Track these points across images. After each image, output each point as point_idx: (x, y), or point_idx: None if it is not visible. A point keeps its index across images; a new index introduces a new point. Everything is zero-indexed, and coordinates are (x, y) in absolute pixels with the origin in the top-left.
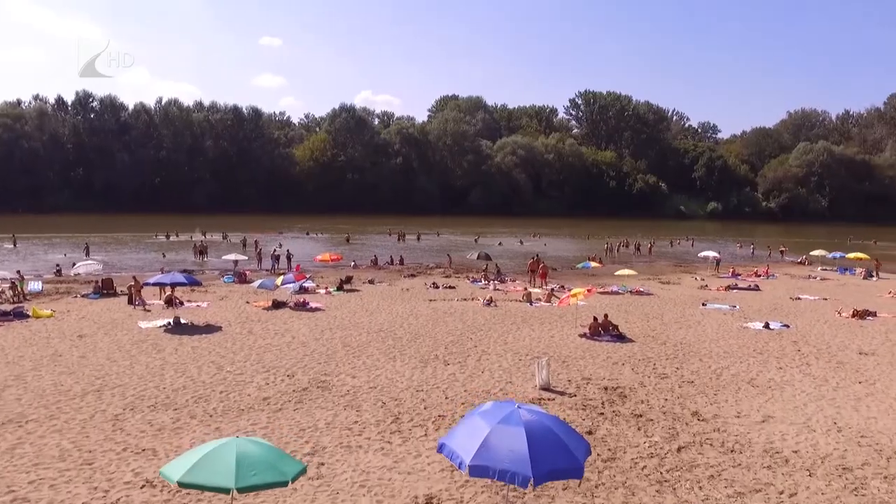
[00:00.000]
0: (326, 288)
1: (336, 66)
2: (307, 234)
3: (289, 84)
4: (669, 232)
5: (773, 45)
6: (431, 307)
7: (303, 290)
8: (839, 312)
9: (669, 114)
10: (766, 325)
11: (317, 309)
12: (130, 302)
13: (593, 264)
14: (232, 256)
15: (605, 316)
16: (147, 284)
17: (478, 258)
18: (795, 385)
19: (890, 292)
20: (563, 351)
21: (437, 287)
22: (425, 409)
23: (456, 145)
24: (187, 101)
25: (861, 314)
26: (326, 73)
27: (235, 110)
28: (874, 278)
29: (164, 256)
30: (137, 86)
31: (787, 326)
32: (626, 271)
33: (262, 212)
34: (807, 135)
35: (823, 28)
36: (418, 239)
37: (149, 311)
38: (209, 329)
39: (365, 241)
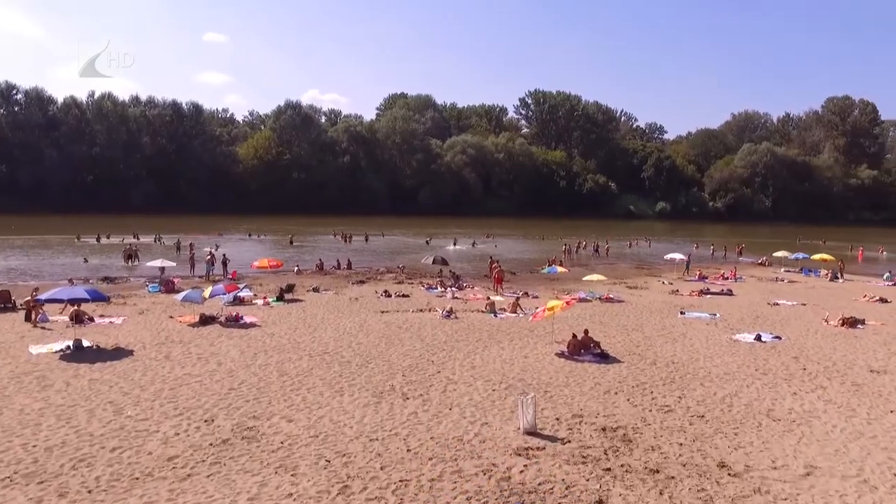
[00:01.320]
0: (265, 298)
1: (283, 64)
2: (249, 235)
3: (234, 82)
4: (620, 232)
5: (716, 49)
6: (384, 320)
7: (237, 300)
8: (826, 320)
9: (618, 114)
10: (758, 338)
11: (251, 325)
12: (28, 318)
13: (560, 269)
14: (158, 262)
15: (586, 332)
16: (39, 301)
17: (433, 262)
18: (822, 417)
19: (865, 296)
20: (543, 376)
21: (390, 296)
22: (382, 469)
23: (405, 144)
24: (123, 95)
25: (850, 322)
26: (273, 71)
27: (175, 106)
28: (840, 280)
29: (86, 262)
30: (72, 81)
31: (779, 338)
32: (595, 276)
33: (204, 212)
34: (750, 136)
35: (764, 33)
36: (366, 240)
37: (48, 329)
38: (117, 354)
39: (311, 243)
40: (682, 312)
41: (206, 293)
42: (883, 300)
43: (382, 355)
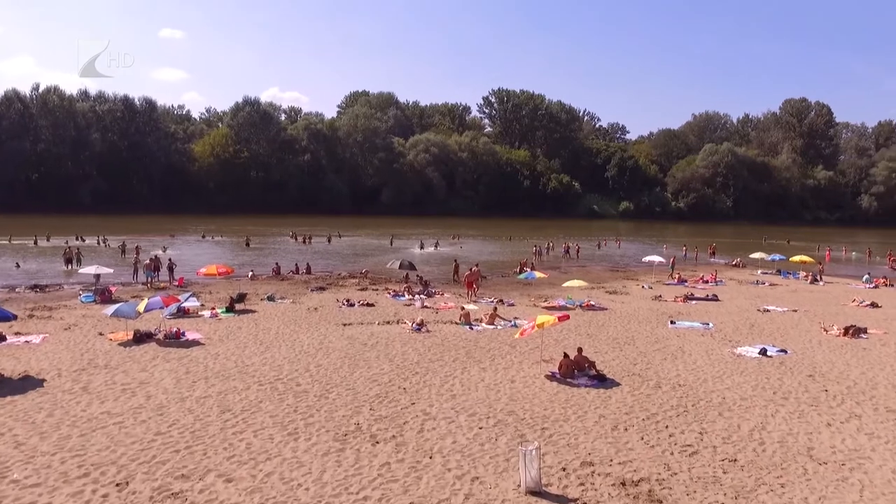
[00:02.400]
0: (213, 308)
1: (242, 62)
2: (204, 237)
3: (192, 79)
4: (584, 232)
5: (676, 50)
6: (347, 335)
7: (181, 311)
8: (825, 330)
9: (581, 114)
10: (763, 352)
11: (194, 342)
12: None
13: (538, 274)
14: (92, 269)
15: (580, 350)
16: None
17: (399, 267)
18: (873, 458)
19: (854, 300)
20: (536, 407)
21: (353, 305)
22: None
23: (367, 142)
24: (71, 90)
25: (853, 332)
26: (232, 69)
27: (126, 101)
28: (820, 283)
29: (18, 267)
30: (21, 75)
31: (785, 352)
32: (576, 282)
33: (158, 212)
34: (710, 137)
35: (723, 36)
36: (329, 241)
37: None
38: (23, 385)
39: (270, 245)
40: (672, 322)
41: (141, 307)
42: (874, 305)
43: (345, 381)
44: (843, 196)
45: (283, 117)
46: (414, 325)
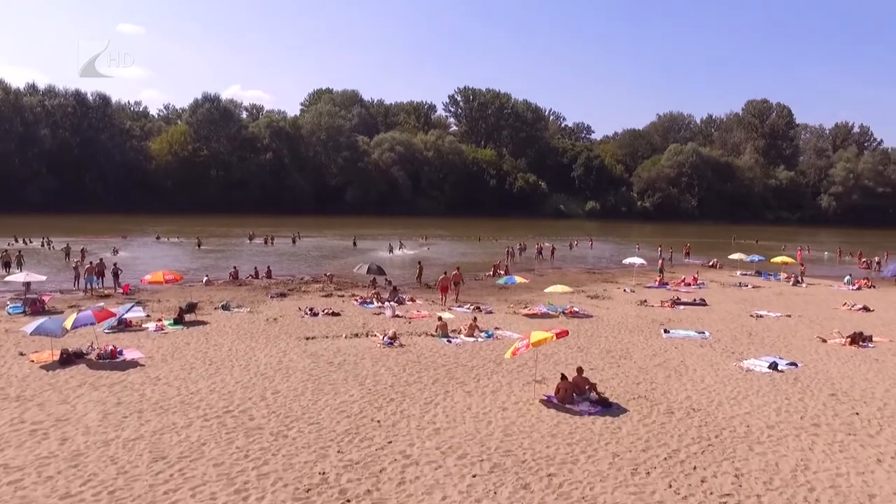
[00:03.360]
0: (160, 320)
1: (204, 59)
2: (158, 238)
3: (151, 76)
4: (552, 231)
5: (639, 51)
6: (310, 352)
7: (123, 324)
8: (824, 339)
9: (547, 113)
10: (774, 366)
11: (132, 363)
12: None
13: (518, 279)
14: (20, 276)
15: (579, 371)
16: None
17: (367, 272)
18: None
19: (845, 304)
20: (537, 443)
21: (316, 314)
22: None
23: (330, 140)
24: (18, 83)
25: (859, 340)
26: (193, 66)
27: (78, 96)
28: (803, 284)
29: None
30: None
31: (795, 365)
32: (559, 287)
33: (113, 211)
34: (675, 137)
35: (687, 37)
36: (294, 242)
37: None
38: None
39: (233, 246)
40: (666, 331)
41: (69, 322)
42: (866, 308)
43: (308, 412)
44: (803, 196)
45: (244, 115)
46: (385, 338)
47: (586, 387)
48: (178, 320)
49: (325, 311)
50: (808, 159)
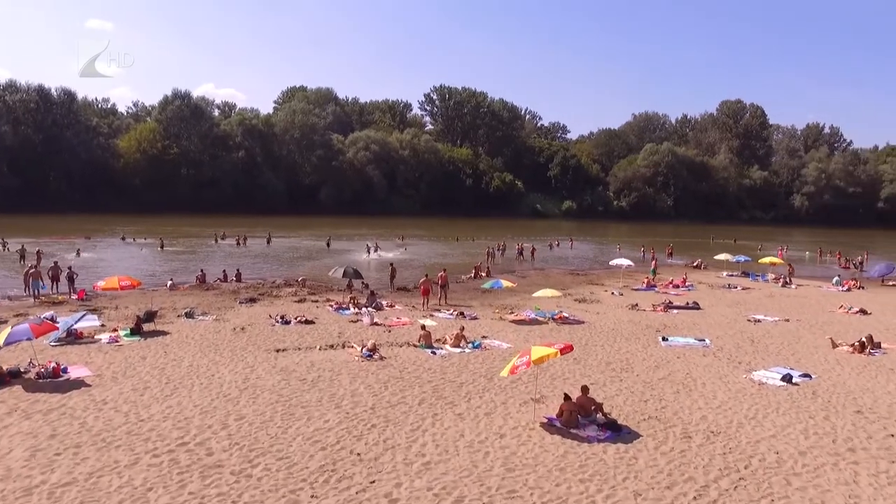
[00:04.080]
0: (115, 330)
1: (176, 56)
2: (124, 239)
3: (122, 73)
4: (529, 231)
5: (614, 52)
6: (280, 367)
7: (72, 335)
8: (835, 344)
9: (523, 112)
10: (787, 379)
11: (77, 383)
12: None
13: (505, 283)
14: None
15: (584, 390)
16: None
17: (343, 275)
18: None
19: (841, 306)
20: (543, 479)
21: (288, 322)
22: None
23: (304, 139)
24: None
25: (867, 348)
26: (164, 63)
27: (41, 91)
28: (792, 286)
29: None
30: None
31: (809, 377)
32: (549, 291)
33: (78, 211)
34: (650, 136)
35: (661, 38)
36: (268, 242)
37: None
38: None
39: (204, 247)
40: (664, 339)
41: (1, 338)
42: (863, 311)
43: (276, 444)
44: (777, 196)
45: (216, 113)
46: (364, 350)
47: (592, 407)
48: (136, 330)
49: (298, 318)
50: (781, 159)
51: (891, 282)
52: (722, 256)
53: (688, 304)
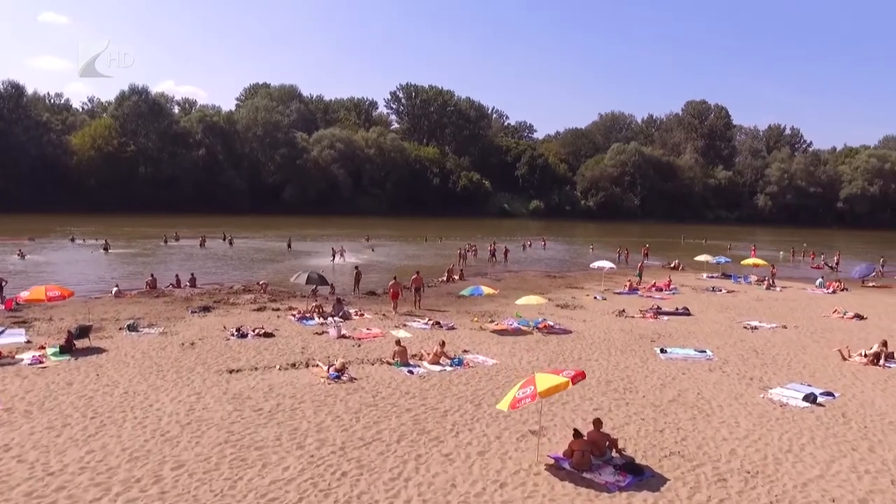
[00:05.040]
0: (42, 348)
1: (134, 53)
2: (73, 240)
3: (76, 68)
4: (495, 231)
5: (582, 50)
6: (233, 393)
7: None
8: (845, 356)
9: (490, 111)
10: (811, 399)
11: None
12: None
13: (486, 290)
14: None
15: (597, 424)
16: None
17: (307, 282)
18: None
19: (835, 311)
20: None
21: (245, 335)
22: None
23: (267, 137)
24: None
25: (883, 359)
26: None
27: None
28: (777, 288)
29: None
30: None
31: (832, 395)
32: (533, 299)
33: (28, 210)
34: (616, 136)
35: (627, 39)
36: (230, 244)
37: None
38: None
39: (159, 250)
40: (662, 351)
41: None
42: (859, 316)
43: (225, 501)
44: (741, 196)
45: (176, 109)
46: (331, 369)
47: (606, 444)
48: (66, 348)
49: (256, 331)
50: (745, 160)
51: (870, 283)
52: (702, 258)
53: (677, 309)
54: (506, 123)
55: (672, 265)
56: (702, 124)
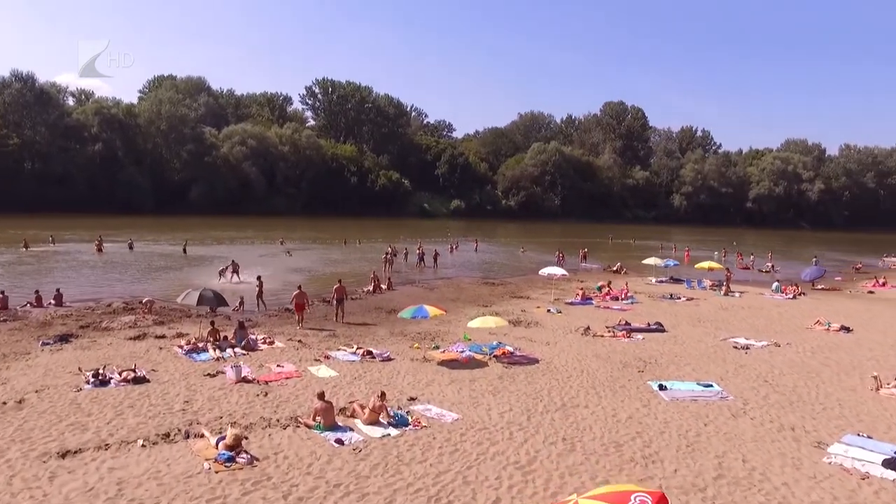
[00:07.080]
0: None
1: (29, 41)
2: None
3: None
4: (416, 232)
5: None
6: (79, 494)
7: None
8: (880, 385)
9: (408, 108)
10: (894, 465)
11: None
12: None
13: (432, 311)
14: None
15: None
16: None
17: (199, 302)
18: None
19: (818, 322)
20: None
21: (107, 382)
22: None
23: (172, 132)
24: None
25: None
26: (15, 48)
27: None
28: (737, 294)
29: None
30: None
31: None
32: (490, 320)
33: None
34: (536, 136)
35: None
36: (130, 248)
37: None
38: None
39: (38, 257)
40: (661, 387)
41: None
42: (845, 329)
43: None
44: (657, 196)
45: (70, 101)
46: (221, 445)
47: None
48: None
49: (124, 374)
50: (660, 160)
51: (820, 285)
52: (651, 260)
53: (649, 325)
54: (425, 122)
55: (614, 268)
56: (619, 125)
